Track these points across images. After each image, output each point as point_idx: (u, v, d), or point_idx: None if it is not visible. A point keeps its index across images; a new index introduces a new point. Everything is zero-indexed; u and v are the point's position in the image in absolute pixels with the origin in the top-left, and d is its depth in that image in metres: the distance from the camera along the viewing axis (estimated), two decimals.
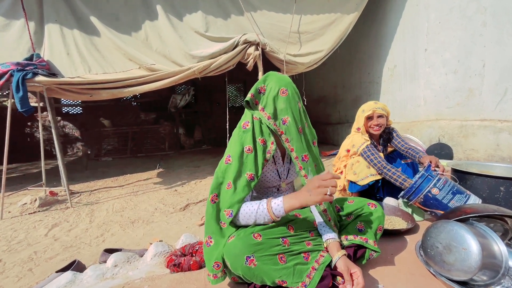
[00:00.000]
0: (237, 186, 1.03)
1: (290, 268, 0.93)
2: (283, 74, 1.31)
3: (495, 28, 2.58)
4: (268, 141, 1.09)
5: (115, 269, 1.34)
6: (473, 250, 0.94)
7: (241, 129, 1.09)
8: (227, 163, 1.06)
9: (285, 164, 1.20)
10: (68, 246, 1.96)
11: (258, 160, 1.07)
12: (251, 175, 1.05)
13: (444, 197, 1.49)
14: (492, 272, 0.96)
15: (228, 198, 1.02)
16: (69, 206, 2.76)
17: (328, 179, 0.91)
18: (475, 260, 0.93)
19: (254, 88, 1.08)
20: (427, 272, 1.12)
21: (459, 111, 2.96)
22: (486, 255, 0.96)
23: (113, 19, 2.98)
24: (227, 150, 1.10)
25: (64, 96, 2.81)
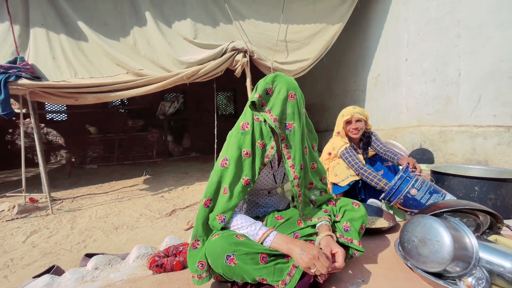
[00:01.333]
0: (233, 191, 1.01)
1: (270, 267, 0.92)
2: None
3: (468, 39, 2.75)
4: (268, 144, 1.06)
5: (95, 272, 1.30)
6: (446, 242, 0.99)
7: (239, 130, 1.05)
8: (223, 166, 1.03)
9: (279, 167, 1.20)
10: (47, 253, 1.90)
11: (255, 165, 1.04)
12: (247, 180, 1.03)
13: (422, 197, 1.55)
14: (464, 264, 1.00)
15: (223, 203, 1.00)
16: (50, 213, 2.67)
17: (325, 262, 0.88)
18: (448, 251, 0.98)
19: (262, 88, 1.03)
20: (405, 267, 1.16)
21: (438, 117, 3.09)
22: (458, 247, 1.00)
23: (101, 24, 2.99)
24: (224, 152, 1.05)
25: (48, 100, 2.76)
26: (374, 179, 1.80)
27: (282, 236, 0.98)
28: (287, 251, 0.93)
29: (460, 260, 1.01)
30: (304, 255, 0.89)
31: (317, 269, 0.88)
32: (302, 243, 0.94)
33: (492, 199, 1.64)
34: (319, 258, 0.89)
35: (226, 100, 9.64)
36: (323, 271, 0.88)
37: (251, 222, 1.01)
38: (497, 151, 2.48)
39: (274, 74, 1.07)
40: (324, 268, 0.88)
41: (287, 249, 0.93)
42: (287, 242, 0.95)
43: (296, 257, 0.91)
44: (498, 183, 1.65)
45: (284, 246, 0.94)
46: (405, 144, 3.36)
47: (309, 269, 0.89)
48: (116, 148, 6.40)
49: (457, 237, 1.02)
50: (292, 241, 0.95)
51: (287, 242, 0.94)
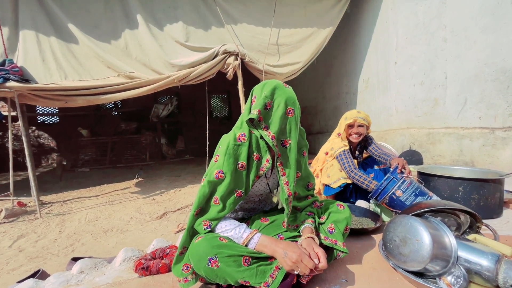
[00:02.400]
0: (225, 203, 1.01)
1: (253, 269, 0.92)
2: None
3: (454, 43, 2.82)
4: (263, 157, 1.05)
5: (80, 276, 1.29)
6: (425, 241, 1.01)
7: (236, 141, 1.02)
8: (218, 178, 1.01)
9: (271, 175, 1.21)
10: (34, 257, 1.87)
11: (250, 177, 1.03)
12: (240, 192, 1.04)
13: (406, 198, 1.58)
14: (444, 262, 1.02)
15: (214, 213, 1.01)
16: (38, 217, 2.64)
17: (308, 263, 0.89)
18: (427, 250, 1.00)
19: (261, 104, 0.98)
20: (388, 266, 1.18)
21: (426, 119, 3.15)
22: (437, 246, 1.02)
23: (92, 27, 2.98)
24: (219, 164, 1.01)
25: (37, 102, 2.74)
26: (364, 181, 1.83)
27: (266, 238, 0.99)
28: (271, 253, 0.94)
29: (439, 259, 1.03)
30: (287, 258, 0.90)
31: (300, 270, 0.89)
32: (286, 244, 0.95)
33: (476, 199, 1.68)
34: (303, 259, 0.90)
35: (220, 103, 9.66)
36: (306, 271, 0.89)
37: (235, 225, 1.02)
38: (482, 152, 2.54)
39: (273, 85, 1.01)
40: (307, 269, 0.89)
41: (271, 251, 0.94)
42: (271, 243, 0.96)
43: (280, 259, 0.92)
44: (481, 183, 1.68)
45: (268, 248, 0.95)
46: (395, 146, 3.41)
47: (293, 270, 0.90)
48: (108, 151, 6.34)
49: (436, 236, 1.05)
50: (276, 243, 0.96)
51: (271, 244, 0.95)
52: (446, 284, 1.01)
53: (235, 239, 0.99)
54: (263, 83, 1.07)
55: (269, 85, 1.02)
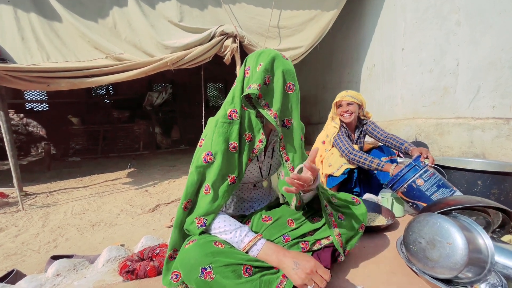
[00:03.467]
0: (218, 191, 0.86)
1: (256, 280, 0.76)
2: None
3: (468, 27, 2.63)
4: (256, 137, 0.92)
5: (56, 279, 1.13)
6: (459, 245, 0.86)
7: (226, 119, 0.88)
8: (207, 162, 0.86)
9: (265, 159, 1.05)
10: (11, 254, 1.70)
11: (242, 160, 0.90)
12: (234, 178, 0.89)
13: (428, 189, 1.44)
14: (478, 268, 0.88)
15: (206, 204, 0.85)
16: (21, 209, 2.45)
17: (324, 275, 0.76)
18: (461, 255, 0.85)
19: (260, 77, 0.85)
20: (409, 271, 1.03)
21: (434, 109, 3.00)
22: (471, 249, 0.87)
23: (76, 3, 2.72)
24: (206, 145, 0.88)
25: (16, 85, 2.50)
26: (365, 161, 1.71)
27: (271, 245, 0.83)
28: (277, 264, 0.78)
29: (473, 265, 0.88)
30: (299, 270, 0.75)
31: (315, 285, 0.73)
32: (295, 254, 0.80)
33: (496, 194, 1.54)
34: (318, 270, 0.75)
35: (217, 92, 9.39)
36: (322, 285, 0.74)
37: (236, 226, 0.85)
38: (495, 144, 2.40)
39: (271, 56, 0.87)
40: (324, 282, 0.74)
41: (277, 262, 0.78)
42: (278, 252, 0.79)
43: (289, 272, 0.76)
44: (502, 177, 1.54)
45: (274, 258, 0.78)
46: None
47: (305, 286, 0.74)
48: (100, 140, 6.10)
49: (470, 238, 0.90)
50: (283, 252, 0.80)
51: (278, 253, 0.79)
52: None
53: (234, 243, 0.83)
54: (258, 52, 0.90)
55: (267, 56, 0.87)
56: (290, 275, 0.76)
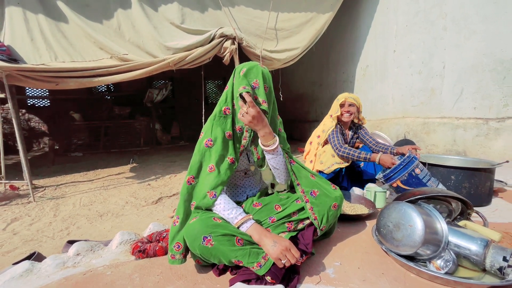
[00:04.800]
0: (220, 169, 1.07)
1: (246, 249, 0.95)
2: None
3: (454, 32, 2.79)
4: (243, 128, 1.13)
5: (77, 258, 1.30)
6: (418, 227, 1.03)
7: (221, 114, 1.11)
8: (208, 146, 1.09)
9: (252, 146, 1.22)
10: (29, 240, 1.87)
11: (236, 146, 1.12)
12: (232, 159, 1.10)
13: (424, 177, 1.65)
14: (434, 247, 1.06)
15: (212, 180, 1.05)
16: (32, 200, 2.62)
17: (295, 254, 0.93)
18: (419, 235, 1.02)
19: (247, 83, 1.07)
20: (381, 251, 1.21)
21: (422, 109, 3.17)
22: (429, 231, 1.05)
23: (82, 5, 2.85)
24: (207, 134, 1.11)
25: (27, 84, 2.64)
26: (354, 154, 1.93)
27: (257, 226, 1.01)
28: (259, 241, 0.96)
29: (430, 244, 1.06)
30: (276, 247, 0.93)
31: (287, 260, 0.92)
32: (275, 236, 0.99)
33: (467, 188, 1.72)
34: (291, 250, 0.93)
35: (215, 89, 9.52)
36: (293, 261, 0.92)
37: (233, 206, 1.05)
38: (475, 143, 2.58)
39: (250, 65, 1.09)
40: (294, 259, 0.92)
41: (259, 239, 0.97)
42: (260, 233, 0.98)
43: (267, 249, 0.94)
44: (472, 172, 1.72)
45: (256, 236, 0.97)
46: (390, 135, 3.44)
47: (279, 260, 0.92)
48: (102, 135, 6.24)
49: (428, 222, 1.07)
50: (265, 233, 0.99)
51: (260, 233, 0.98)
52: (435, 267, 1.05)
53: (229, 219, 1.02)
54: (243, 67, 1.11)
55: (248, 67, 1.10)
56: (268, 250, 0.94)
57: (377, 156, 1.86)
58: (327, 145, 2.11)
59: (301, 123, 6.26)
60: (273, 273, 0.92)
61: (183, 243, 1.02)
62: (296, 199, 1.15)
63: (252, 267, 0.94)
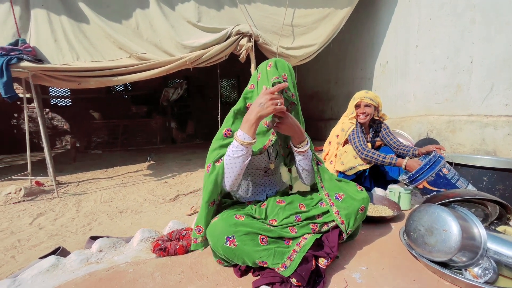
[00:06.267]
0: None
1: (271, 249, 0.92)
2: None
3: (483, 25, 2.63)
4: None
5: (100, 254, 1.32)
6: (454, 232, 0.97)
7: (245, 109, 1.09)
8: (227, 136, 1.05)
9: (274, 145, 1.20)
10: (53, 235, 1.93)
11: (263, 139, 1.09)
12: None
13: (452, 177, 1.57)
14: (471, 254, 0.99)
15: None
16: (56, 196, 2.71)
17: (276, 94, 0.91)
18: (455, 241, 0.96)
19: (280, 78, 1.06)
20: (410, 256, 1.15)
21: (447, 106, 3.01)
22: (465, 237, 0.98)
23: (103, 6, 2.91)
24: (228, 124, 1.07)
25: (51, 83, 2.73)
26: (378, 158, 1.83)
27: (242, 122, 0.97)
28: (255, 118, 0.91)
29: (467, 250, 0.99)
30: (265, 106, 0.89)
31: (280, 101, 0.90)
32: (253, 105, 0.93)
33: (501, 190, 1.61)
34: (272, 95, 0.90)
35: (229, 87, 9.54)
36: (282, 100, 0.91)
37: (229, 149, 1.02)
38: (507, 142, 2.42)
39: (276, 60, 1.07)
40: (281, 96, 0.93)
41: (254, 117, 0.91)
42: (247, 116, 0.93)
43: (263, 113, 0.90)
44: (508, 173, 1.61)
45: (251, 117, 0.91)
46: (412, 133, 3.30)
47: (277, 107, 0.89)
48: (120, 134, 6.41)
49: (465, 227, 1.00)
50: (248, 113, 0.94)
51: (247, 115, 0.93)
52: (472, 275, 0.98)
53: (234, 147, 0.96)
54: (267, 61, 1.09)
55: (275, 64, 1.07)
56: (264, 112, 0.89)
57: (404, 162, 1.76)
58: (348, 145, 2.03)
59: (316, 122, 6.15)
60: (299, 275, 0.89)
61: (204, 226, 1.02)
62: (320, 201, 1.10)
63: (277, 268, 0.91)
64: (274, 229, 0.98)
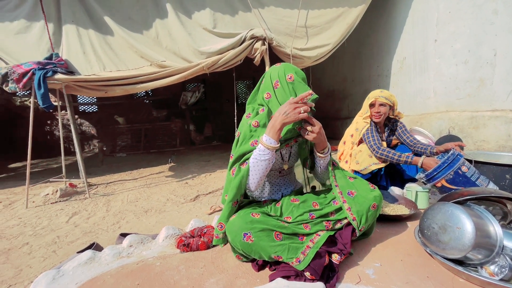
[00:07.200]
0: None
1: (285, 245, 0.99)
2: None
3: (506, 16, 2.52)
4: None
5: (130, 249, 1.44)
6: (467, 229, 0.98)
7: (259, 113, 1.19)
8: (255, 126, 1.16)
9: (287, 147, 1.26)
10: (87, 232, 2.10)
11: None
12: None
13: (472, 175, 1.55)
14: (487, 251, 0.99)
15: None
16: (87, 196, 2.93)
17: (300, 102, 1.00)
18: (469, 238, 0.97)
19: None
20: (424, 253, 1.16)
21: (469, 102, 2.91)
22: (480, 234, 0.99)
23: (125, 19, 3.10)
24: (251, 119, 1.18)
25: (81, 92, 2.96)
26: (394, 157, 1.83)
27: (267, 129, 1.05)
28: (280, 124, 1.01)
29: (482, 248, 1.00)
30: (290, 114, 0.99)
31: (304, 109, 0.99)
32: (277, 113, 1.03)
33: None
34: (296, 104, 1.00)
35: (245, 89, 9.66)
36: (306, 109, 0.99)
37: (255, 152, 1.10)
38: None
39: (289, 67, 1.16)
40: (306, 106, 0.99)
41: (280, 124, 1.01)
42: (272, 123, 1.03)
43: (287, 121, 1.01)
44: None
45: (276, 124, 1.01)
46: (432, 130, 3.21)
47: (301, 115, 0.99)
48: (142, 137, 6.73)
49: (480, 224, 1.01)
50: (273, 121, 1.03)
51: (272, 122, 1.03)
52: (488, 273, 0.98)
53: (260, 150, 1.05)
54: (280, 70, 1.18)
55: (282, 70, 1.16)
56: (288, 119, 1.00)
57: (420, 160, 1.75)
58: (363, 144, 2.04)
59: (332, 121, 6.09)
60: (312, 269, 0.94)
61: (225, 223, 1.10)
62: (333, 199, 1.15)
63: (291, 262, 0.97)
64: (288, 226, 1.04)
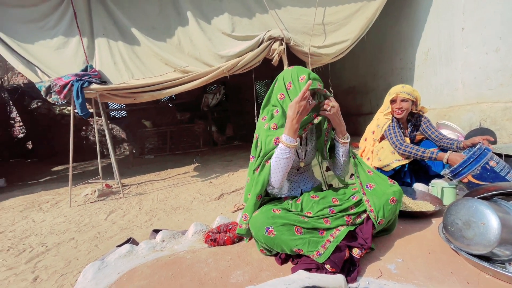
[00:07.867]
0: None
1: (305, 238, 1.05)
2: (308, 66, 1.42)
3: None
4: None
5: (163, 243, 1.58)
6: (492, 225, 0.97)
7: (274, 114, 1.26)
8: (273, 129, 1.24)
9: (302, 146, 1.32)
10: (124, 228, 2.29)
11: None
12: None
13: (501, 169, 1.49)
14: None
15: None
16: (122, 196, 3.17)
17: (302, 100, 1.05)
18: (494, 234, 0.96)
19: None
20: (448, 250, 1.16)
21: (502, 92, 2.74)
22: (508, 230, 0.97)
23: (150, 28, 3.30)
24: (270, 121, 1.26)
25: (113, 100, 3.21)
26: (418, 152, 1.79)
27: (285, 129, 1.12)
28: (297, 123, 1.08)
29: (510, 244, 0.98)
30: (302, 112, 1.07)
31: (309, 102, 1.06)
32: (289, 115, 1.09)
33: None
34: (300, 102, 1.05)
35: (264, 88, 9.72)
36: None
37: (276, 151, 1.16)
38: None
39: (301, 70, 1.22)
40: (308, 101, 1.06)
41: (297, 122, 1.08)
42: (289, 123, 1.09)
43: (301, 118, 1.08)
44: None
45: (293, 124, 1.08)
46: (461, 124, 3.07)
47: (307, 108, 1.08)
48: (168, 139, 7.05)
49: (507, 220, 1.00)
50: (289, 123, 1.09)
51: (289, 123, 1.09)
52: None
53: (281, 149, 1.11)
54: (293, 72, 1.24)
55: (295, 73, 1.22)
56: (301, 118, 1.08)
57: (445, 156, 1.69)
58: (385, 141, 2.01)
59: (354, 117, 5.96)
60: (332, 261, 0.99)
61: (249, 214, 1.16)
62: (352, 195, 1.18)
63: (312, 255, 1.03)
64: (308, 221, 1.10)
